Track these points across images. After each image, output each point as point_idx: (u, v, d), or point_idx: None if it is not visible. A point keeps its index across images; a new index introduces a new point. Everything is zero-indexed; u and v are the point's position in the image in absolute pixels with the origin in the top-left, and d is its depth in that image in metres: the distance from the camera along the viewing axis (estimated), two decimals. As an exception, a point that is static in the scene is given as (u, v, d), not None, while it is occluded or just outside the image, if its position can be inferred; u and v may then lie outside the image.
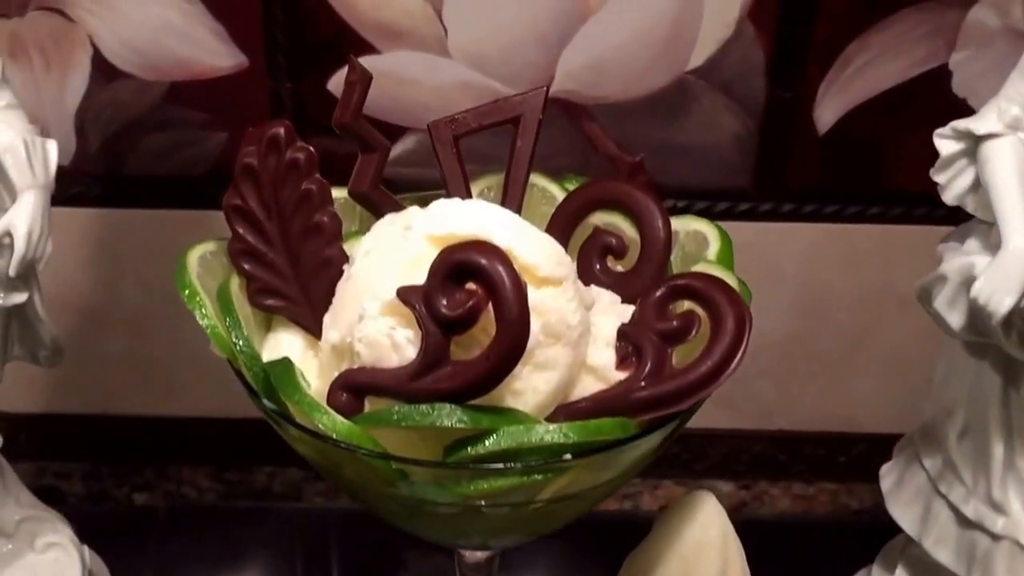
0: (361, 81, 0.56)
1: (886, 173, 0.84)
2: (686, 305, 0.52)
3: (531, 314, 0.47)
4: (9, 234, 0.64)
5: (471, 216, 0.50)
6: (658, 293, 0.52)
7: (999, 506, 0.69)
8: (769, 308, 0.87)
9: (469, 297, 0.46)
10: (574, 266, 0.51)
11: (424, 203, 0.61)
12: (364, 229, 0.59)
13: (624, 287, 0.57)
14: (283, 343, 0.54)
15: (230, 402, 0.93)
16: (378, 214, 0.59)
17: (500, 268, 0.46)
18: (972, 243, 0.64)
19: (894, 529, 0.77)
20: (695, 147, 0.83)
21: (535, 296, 0.48)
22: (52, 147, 0.66)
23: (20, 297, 0.67)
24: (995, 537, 0.69)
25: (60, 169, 0.81)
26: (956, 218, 0.66)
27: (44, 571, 0.77)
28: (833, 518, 0.96)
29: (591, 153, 0.82)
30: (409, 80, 0.79)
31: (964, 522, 0.70)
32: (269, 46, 0.80)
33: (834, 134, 0.82)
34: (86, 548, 0.80)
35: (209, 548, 0.90)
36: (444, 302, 0.46)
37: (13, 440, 0.77)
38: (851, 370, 0.93)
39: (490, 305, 0.46)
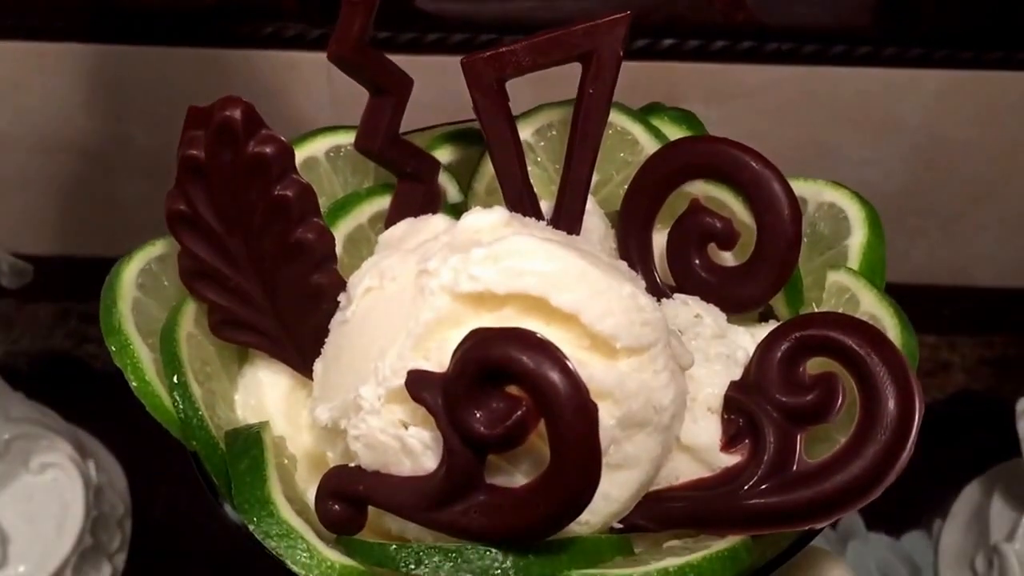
0: (365, 1, 0.39)
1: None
2: (823, 363, 0.37)
3: (607, 402, 0.34)
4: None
5: (515, 266, 0.34)
6: (783, 347, 0.36)
7: None
8: (883, 160, 0.79)
9: (512, 409, 0.32)
10: (663, 322, 0.35)
11: (457, 144, 0.45)
12: (380, 180, 0.44)
13: (731, 290, 0.42)
14: (264, 384, 0.40)
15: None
16: (396, 172, 0.43)
17: (555, 376, 0.30)
18: None
19: (1008, 414, 0.67)
20: (805, -19, 0.71)
21: (611, 374, 0.34)
22: None
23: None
24: None
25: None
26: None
27: (42, 494, 0.70)
28: (933, 399, 0.84)
29: (685, -11, 0.70)
30: None
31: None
32: None
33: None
34: (91, 463, 0.71)
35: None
36: (477, 414, 0.32)
37: (31, 281, 0.72)
38: (968, 224, 0.86)
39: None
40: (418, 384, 0.33)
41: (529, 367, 0.31)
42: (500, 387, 0.32)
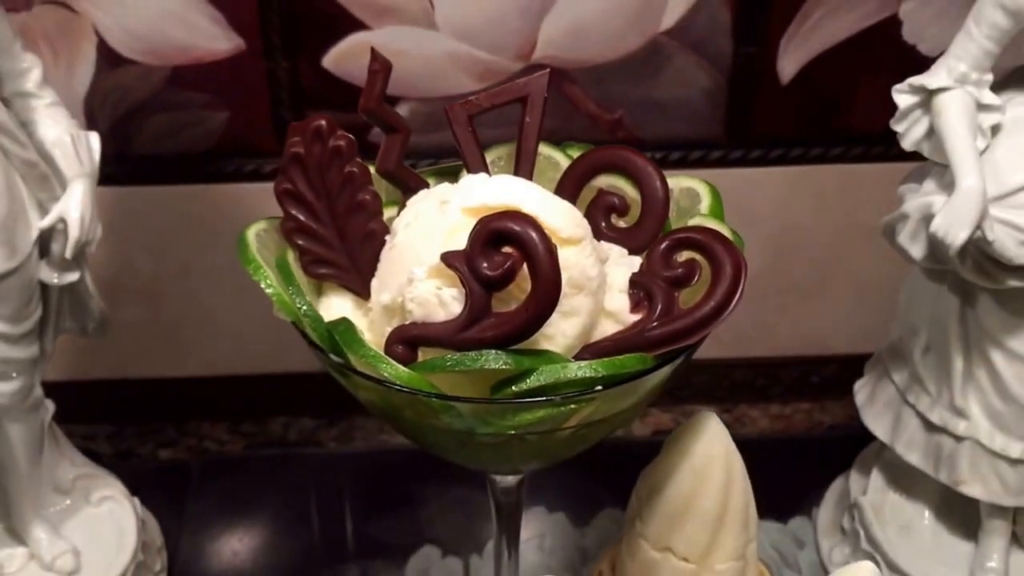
0: (383, 70, 0.62)
1: (845, 117, 0.89)
2: (688, 255, 0.59)
3: (558, 270, 0.55)
4: (63, 220, 0.70)
5: (500, 189, 0.57)
6: (663, 245, 0.59)
7: (961, 411, 0.77)
8: (744, 247, 0.93)
9: (506, 259, 0.53)
10: (589, 227, 0.58)
11: (440, 175, 0.68)
12: (389, 200, 0.66)
13: (629, 241, 0.63)
14: (334, 306, 0.61)
15: (241, 360, 1.02)
16: (403, 188, 0.65)
17: (533, 233, 0.53)
18: (929, 184, 0.72)
19: (867, 438, 0.85)
20: (669, 102, 0.88)
21: (560, 254, 0.56)
22: (95, 139, 0.72)
23: (73, 276, 0.73)
24: (958, 439, 0.77)
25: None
26: (910, 155, 0.73)
27: (102, 523, 0.85)
28: (809, 434, 1.05)
29: (574, 113, 0.87)
30: (400, 52, 0.83)
31: (930, 427, 0.78)
32: (265, 28, 0.85)
33: (796, 83, 0.87)
34: (136, 500, 0.87)
35: (238, 494, 0.98)
36: (485, 264, 0.53)
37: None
38: (821, 298, 0.99)
39: (524, 265, 0.54)
40: (450, 257, 0.54)
41: (517, 229, 0.53)
42: (499, 248, 0.54)
